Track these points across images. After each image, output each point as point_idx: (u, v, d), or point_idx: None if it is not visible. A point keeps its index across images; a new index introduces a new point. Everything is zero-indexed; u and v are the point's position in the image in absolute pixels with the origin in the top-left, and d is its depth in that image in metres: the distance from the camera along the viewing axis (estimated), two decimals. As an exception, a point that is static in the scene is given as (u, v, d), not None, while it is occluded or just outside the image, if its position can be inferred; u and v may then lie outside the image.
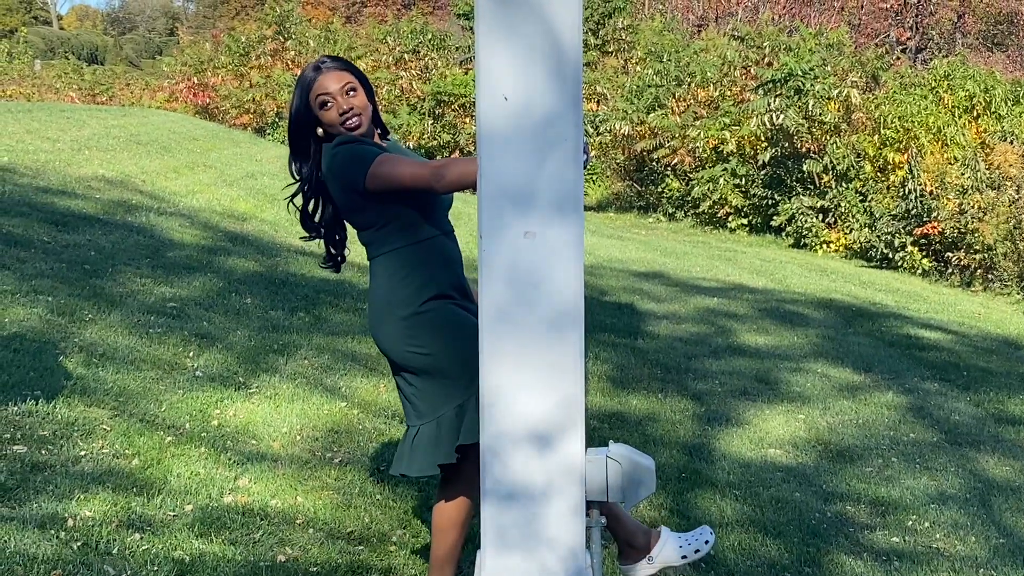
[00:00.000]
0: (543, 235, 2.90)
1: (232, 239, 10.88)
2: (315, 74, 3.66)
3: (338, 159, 3.60)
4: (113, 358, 6.13)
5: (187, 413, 5.58)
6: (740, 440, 6.48)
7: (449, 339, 3.55)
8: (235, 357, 6.70)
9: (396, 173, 3.49)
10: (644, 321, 9.77)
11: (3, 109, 17.99)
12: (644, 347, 8.65)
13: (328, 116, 3.64)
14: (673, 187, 23.86)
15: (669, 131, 23.31)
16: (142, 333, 6.76)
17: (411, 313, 3.55)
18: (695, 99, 24.00)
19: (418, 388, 3.60)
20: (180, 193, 12.98)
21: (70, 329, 6.51)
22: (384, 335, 3.63)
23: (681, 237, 20.68)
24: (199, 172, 15.28)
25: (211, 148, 18.38)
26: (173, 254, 9.38)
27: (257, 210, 13.12)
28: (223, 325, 7.39)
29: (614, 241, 17.28)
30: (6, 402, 5.11)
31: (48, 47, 63.36)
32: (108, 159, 14.17)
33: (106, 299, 7.37)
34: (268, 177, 16.21)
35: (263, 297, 8.44)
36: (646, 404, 7.03)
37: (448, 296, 3.60)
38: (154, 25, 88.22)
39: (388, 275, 3.61)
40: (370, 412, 6.14)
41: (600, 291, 11.18)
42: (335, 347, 7.35)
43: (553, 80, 2.84)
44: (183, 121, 22.18)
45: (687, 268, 14.41)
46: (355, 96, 3.65)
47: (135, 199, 11.81)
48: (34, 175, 11.83)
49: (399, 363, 3.64)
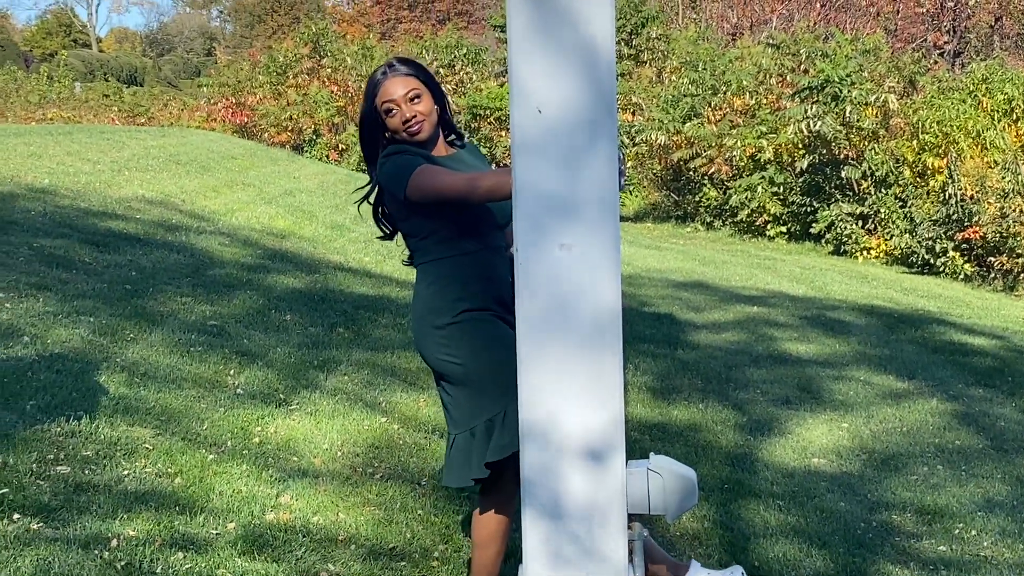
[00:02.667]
0: (579, 247, 2.88)
1: (271, 256, 10.92)
2: (382, 78, 3.68)
3: (384, 168, 3.64)
4: (155, 377, 6.16)
5: (228, 431, 5.59)
6: (783, 449, 6.43)
7: (482, 351, 3.55)
8: (276, 374, 6.71)
9: (433, 184, 3.50)
10: (684, 331, 9.72)
11: (44, 132, 18.18)
12: (684, 357, 8.60)
13: (392, 123, 3.67)
14: (710, 196, 23.76)
15: (705, 140, 23.23)
16: (183, 352, 6.79)
17: (446, 323, 3.58)
18: (731, 108, 23.90)
19: (453, 397, 3.63)
20: (219, 212, 13.06)
21: (112, 349, 6.55)
22: (421, 341, 3.67)
23: (719, 246, 20.58)
24: (238, 190, 15.37)
25: (249, 166, 18.49)
26: (213, 272, 9.43)
27: (296, 227, 13.17)
28: (263, 342, 7.42)
29: (652, 251, 17.22)
30: (49, 423, 5.14)
31: (88, 69, 64.02)
32: (148, 179, 14.28)
33: (147, 318, 7.41)
34: (306, 194, 16.28)
35: (303, 313, 8.46)
36: (687, 414, 6.98)
37: (487, 309, 3.60)
38: (192, 46, 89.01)
39: (427, 284, 3.64)
40: (410, 427, 6.13)
41: (639, 301, 11.13)
42: (375, 362, 7.35)
43: (587, 90, 2.82)
44: (221, 140, 22.33)
45: (726, 277, 14.33)
46: (419, 102, 3.66)
47: (175, 218, 11.89)
48: (75, 196, 11.94)
49: (435, 370, 3.68)
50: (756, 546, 4.93)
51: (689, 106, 24.35)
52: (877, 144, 20.51)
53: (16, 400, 5.37)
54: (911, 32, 40.25)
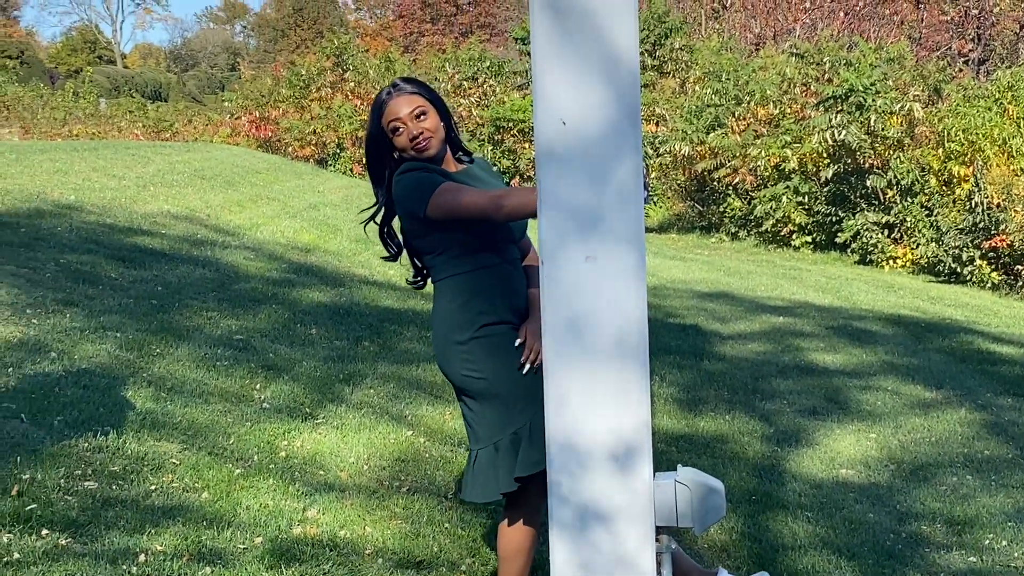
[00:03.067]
0: (605, 259, 2.87)
1: (296, 270, 10.96)
2: (387, 98, 3.70)
3: (401, 186, 3.63)
4: (181, 392, 6.19)
5: (255, 445, 5.60)
6: (811, 460, 6.39)
7: (505, 364, 3.55)
8: (302, 388, 6.73)
9: (456, 203, 3.51)
10: (710, 342, 9.69)
11: (69, 148, 18.30)
12: (710, 368, 8.57)
13: (400, 141, 3.68)
14: (735, 206, 23.71)
15: (729, 151, 23.19)
16: (210, 366, 6.82)
17: (468, 338, 3.58)
18: (755, 118, 23.86)
19: (476, 412, 3.62)
20: (244, 226, 13.11)
21: (138, 364, 6.58)
22: (443, 357, 3.67)
23: (744, 256, 20.52)
24: (263, 205, 15.43)
25: (274, 181, 18.56)
26: (239, 287, 9.47)
27: (321, 241, 13.21)
28: (289, 356, 7.44)
29: (677, 262, 17.18)
30: (77, 438, 5.16)
31: (113, 85, 64.46)
32: (173, 195, 14.35)
33: (173, 333, 7.45)
34: (331, 208, 16.33)
35: (328, 327, 8.48)
36: (714, 426, 6.95)
37: (507, 322, 3.60)
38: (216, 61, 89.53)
39: (448, 300, 3.64)
40: (436, 440, 6.13)
41: (664, 312, 11.10)
42: (400, 375, 7.36)
43: (611, 102, 2.82)
44: (246, 155, 22.43)
45: (752, 287, 14.28)
46: (425, 119, 3.67)
47: (200, 233, 11.95)
48: (101, 212, 12.01)
49: (458, 386, 3.68)
50: (784, 558, 4.90)
51: (713, 116, 24.33)
52: (902, 153, 20.43)
53: (44, 416, 5.40)
54: (935, 40, 40.07)
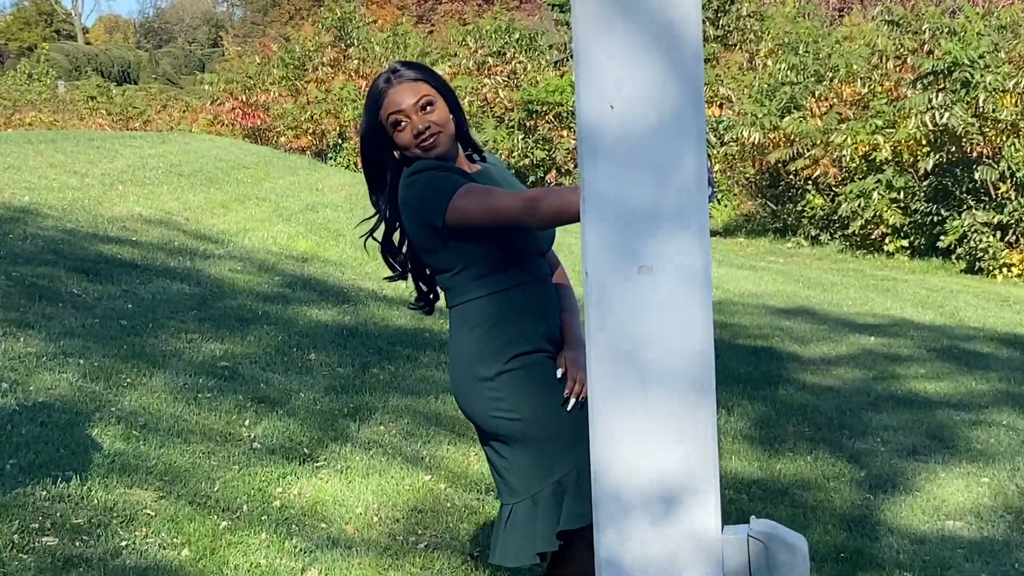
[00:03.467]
0: (662, 269, 2.87)
1: (291, 284, 11.01)
2: (386, 86, 3.62)
3: (414, 190, 3.57)
4: (157, 429, 6.22)
5: (244, 493, 5.63)
6: (910, 510, 6.37)
7: (543, 400, 3.51)
8: (299, 424, 6.75)
9: (482, 208, 3.44)
10: (786, 367, 9.66)
11: (22, 140, 18.47)
12: (788, 399, 8.55)
13: (402, 138, 3.61)
14: (816, 204, 23.65)
15: (809, 137, 23.14)
16: (190, 399, 6.85)
17: (495, 373, 3.53)
18: (839, 98, 23.81)
19: (510, 460, 3.57)
20: (230, 232, 13.19)
21: (106, 396, 6.62)
22: (465, 398, 3.62)
23: (827, 264, 20.46)
24: (251, 206, 15.51)
25: (264, 177, 18.66)
26: (223, 304, 9.52)
27: (320, 248, 13.27)
28: (284, 386, 7.47)
29: (746, 272, 17.15)
30: (33, 485, 5.20)
31: (73, 65, 65.02)
32: (145, 194, 14.45)
33: (147, 360, 7.49)
34: (331, 209, 16.40)
35: (330, 351, 8.51)
36: (793, 468, 6.94)
37: (541, 350, 3.58)
38: (195, 36, 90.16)
39: (469, 328, 3.59)
40: (460, 486, 6.14)
41: (732, 332, 11.09)
42: (416, 409, 7.38)
43: (670, 81, 2.82)
44: (231, 147, 22.57)
45: (837, 302, 14.24)
46: (432, 111, 3.59)
47: (178, 240, 12.02)
48: (60, 216, 12.11)
49: (485, 431, 3.62)
50: (880, 628, 4.88)
51: (788, 97, 24.28)
52: (1018, 139, 20.32)
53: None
54: (1057, 3, 39.85)
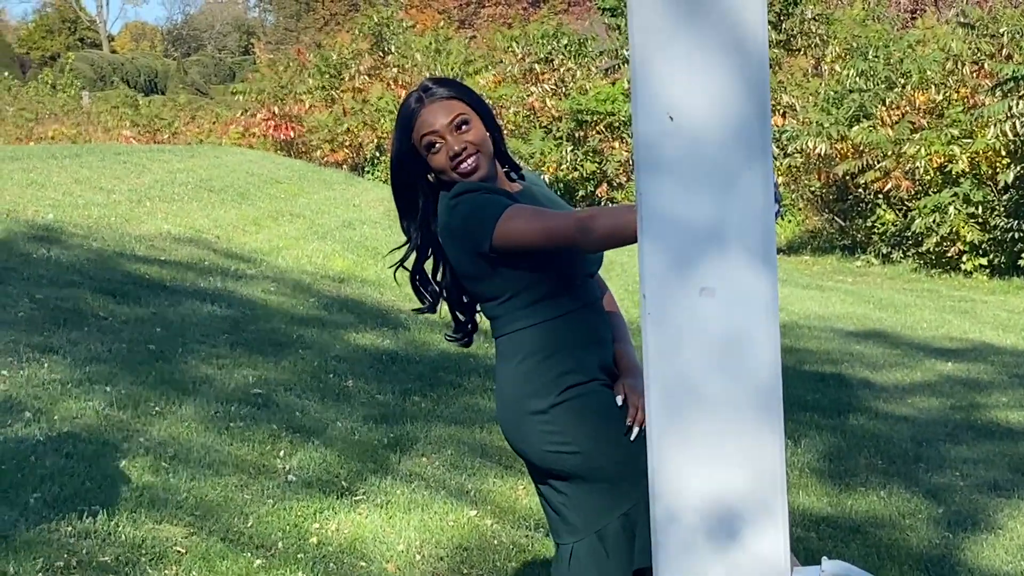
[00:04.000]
0: (725, 290, 2.86)
1: (328, 305, 11.04)
2: (417, 106, 3.60)
3: (457, 214, 3.54)
4: (187, 461, 6.24)
5: (279, 528, 5.63)
6: (992, 550, 6.30)
7: (602, 430, 3.49)
8: (336, 455, 6.76)
9: (532, 230, 3.41)
10: (857, 395, 9.60)
11: (45, 154, 18.59)
12: (859, 429, 8.49)
13: (437, 161, 3.58)
14: (887, 220, 23.52)
15: (879, 148, 23.02)
16: (221, 428, 6.88)
17: (548, 405, 3.50)
18: (912, 106, 23.68)
19: (569, 496, 3.53)
20: (263, 250, 13.25)
21: (133, 426, 6.65)
22: (517, 433, 3.59)
23: (900, 284, 20.34)
24: (285, 223, 15.58)
25: (298, 192, 18.74)
26: (256, 327, 9.55)
27: (358, 268, 13.31)
28: (320, 415, 7.48)
29: (812, 292, 17.07)
30: (58, 520, 5.22)
31: (98, 75, 65.62)
32: (174, 211, 14.54)
33: (176, 387, 7.52)
34: (369, 226, 16.45)
35: (368, 378, 8.52)
36: (866, 504, 6.88)
37: (596, 379, 3.55)
38: (224, 43, 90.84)
39: (518, 359, 3.57)
40: (508, 521, 6.12)
41: (798, 358, 11.03)
42: (460, 439, 7.37)
43: (734, 88, 2.81)
44: (263, 160, 22.68)
45: (910, 324, 14.15)
46: (468, 131, 3.57)
47: (208, 260, 12.08)
48: (85, 235, 12.19)
49: (540, 466, 3.58)
50: (961, 675, 4.83)
51: (857, 104, 24.17)
52: (1105, 149, 20.18)
53: (17, 492, 5.47)
54: None
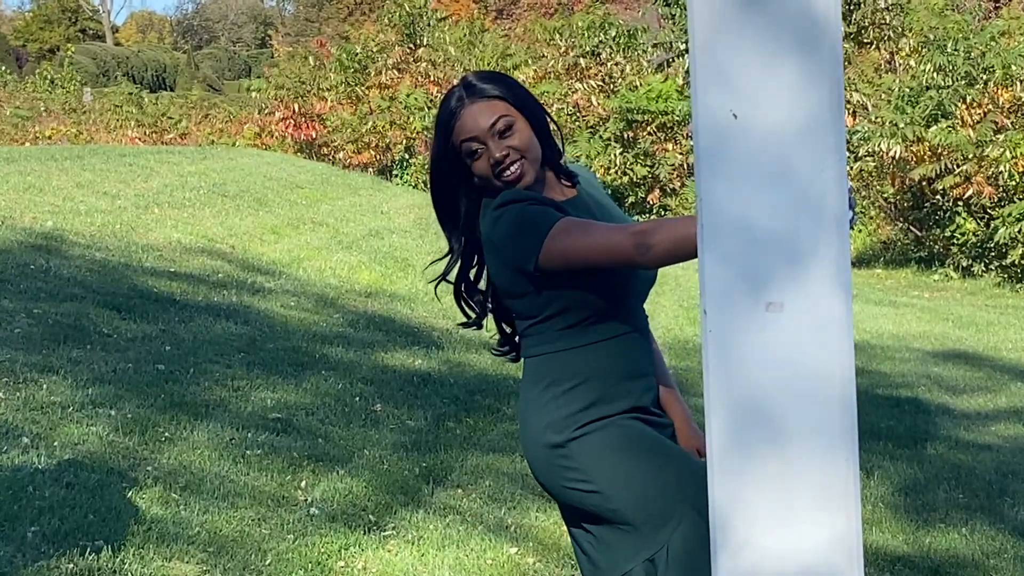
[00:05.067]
0: (796, 306, 2.85)
1: (353, 322, 11.05)
2: (458, 106, 3.54)
3: (500, 227, 3.49)
4: (199, 491, 6.25)
5: (301, 566, 5.64)
6: (1087, 593, 6.27)
7: (624, 468, 3.44)
8: (363, 486, 6.76)
9: (585, 246, 3.35)
10: (936, 422, 9.55)
11: (44, 156, 18.67)
12: (938, 460, 8.45)
13: (479, 167, 3.53)
14: (967, 229, 23.42)
15: (959, 150, 22.92)
16: (237, 456, 6.89)
17: (565, 440, 3.46)
18: (995, 104, 23.58)
19: (594, 535, 3.52)
20: (282, 261, 13.28)
21: (141, 453, 6.67)
22: (538, 466, 3.58)
23: (982, 300, 20.24)
24: (306, 232, 15.62)
25: (321, 198, 18.79)
26: (275, 346, 9.56)
27: (386, 281, 13.32)
28: (345, 442, 7.49)
29: (885, 308, 17.00)
30: (59, 556, 5.23)
31: (101, 69, 65.97)
32: (185, 219, 14.59)
33: (188, 410, 7.54)
34: (399, 235, 16.47)
35: (398, 401, 8.52)
36: (945, 543, 6.84)
37: (622, 412, 3.50)
38: (239, 35, 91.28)
39: (543, 386, 3.54)
40: (551, 559, 6.11)
41: (870, 380, 10.98)
42: (499, 468, 7.36)
43: (805, 83, 2.80)
44: (282, 163, 22.75)
45: (994, 345, 14.07)
46: (512, 135, 3.51)
47: (222, 271, 12.11)
48: (88, 244, 12.24)
49: (561, 501, 3.59)
50: None
51: (934, 103, 24.07)
52: None
53: (13, 525, 5.48)
54: None
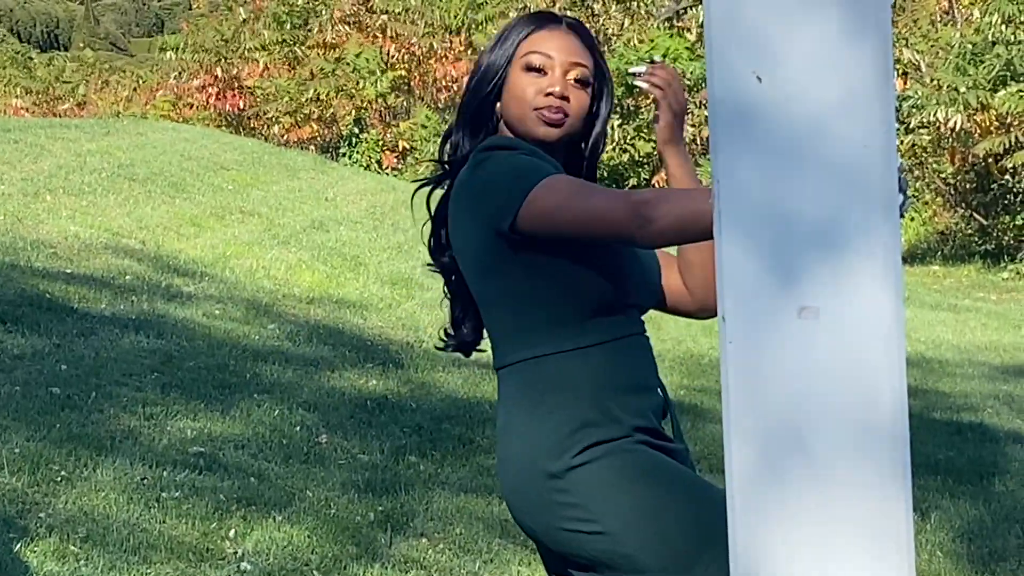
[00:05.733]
0: (834, 311, 2.86)
1: (293, 334, 11.03)
2: (544, 25, 3.58)
3: (483, 171, 3.46)
4: (104, 543, 6.24)
5: (230, 633, 5.65)
6: None
7: (640, 503, 3.41)
8: (306, 535, 6.75)
9: (572, 209, 3.28)
10: (1005, 453, 9.59)
11: (-90, 133, 18.65)
12: (1008, 498, 8.48)
13: (525, 84, 3.52)
14: (1043, 216, 23.54)
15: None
16: (150, 499, 6.87)
17: (565, 468, 3.41)
18: (1077, 62, 23.69)
19: None
20: (204, 260, 13.25)
21: (32, 497, 6.65)
22: (524, 502, 3.53)
23: (1062, 303, 20.33)
24: (233, 224, 15.59)
25: (251, 182, 18.75)
26: (196, 364, 9.54)
27: (332, 283, 13.31)
28: (284, 482, 7.48)
29: (943, 314, 17.05)
30: (-67, 621, 5.24)
31: (-20, 26, 65.78)
32: (83, 208, 14.54)
33: (89, 444, 7.51)
34: (347, 227, 16.45)
35: (348, 432, 8.51)
36: (1018, 596, 6.90)
37: (630, 436, 3.45)
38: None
39: (530, 401, 3.50)
40: (537, 623, 6.14)
41: (926, 401, 11.02)
42: (472, 512, 7.37)
43: (845, 39, 2.81)
44: (203, 139, 22.70)
45: (1077, 357, 14.13)
46: (580, 90, 3.54)
47: (131, 272, 12.08)
48: (-35, 240, 12.23)
49: (555, 549, 3.54)
50: None
51: (1003, 62, 24.14)
52: None
53: None
54: None
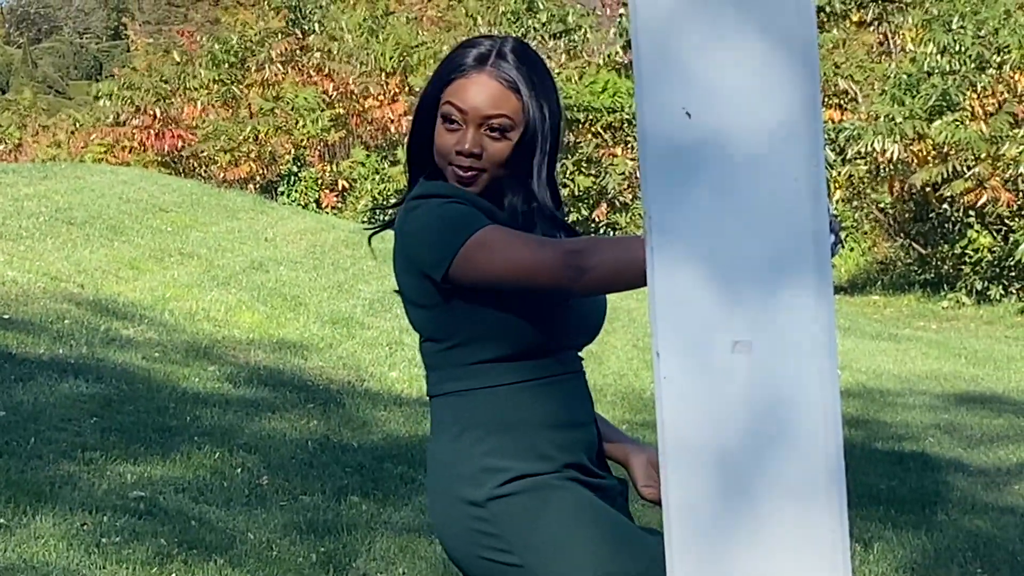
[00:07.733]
0: (767, 345, 2.87)
1: (233, 377, 11.01)
2: (470, 67, 3.45)
3: (415, 220, 3.45)
4: (43, 590, 6.22)
5: None
6: None
7: (560, 540, 3.40)
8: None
9: (502, 263, 3.30)
10: (948, 482, 9.62)
11: None
12: (951, 528, 8.50)
13: (442, 141, 3.47)
14: (982, 245, 23.62)
15: (970, 149, 23.12)
16: (90, 545, 6.84)
17: (485, 498, 3.41)
18: (1012, 92, 23.81)
19: None
20: (143, 303, 13.21)
21: (-30, 544, 6.63)
22: (444, 527, 3.52)
23: (1001, 330, 20.41)
24: (172, 266, 15.56)
25: (190, 224, 18.73)
26: (135, 407, 9.51)
27: (272, 324, 13.28)
28: (224, 525, 7.45)
29: (884, 343, 17.11)
30: None
31: (-85, 70, 65.57)
32: (21, 252, 14.50)
33: (27, 491, 7.48)
34: (287, 267, 16.44)
35: (289, 473, 8.50)
36: (961, 628, 6.91)
37: (557, 472, 3.44)
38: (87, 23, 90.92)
39: (456, 431, 3.49)
40: (481, 663, 6.11)
41: (867, 432, 11.05)
42: (416, 551, 7.35)
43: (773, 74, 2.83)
44: (141, 181, 22.66)
45: (1017, 385, 14.18)
46: (499, 140, 3.43)
47: (69, 316, 12.04)
48: (-99, 286, 12.17)
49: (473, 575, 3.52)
50: None
51: (939, 91, 24.27)
52: None
53: None
54: None
